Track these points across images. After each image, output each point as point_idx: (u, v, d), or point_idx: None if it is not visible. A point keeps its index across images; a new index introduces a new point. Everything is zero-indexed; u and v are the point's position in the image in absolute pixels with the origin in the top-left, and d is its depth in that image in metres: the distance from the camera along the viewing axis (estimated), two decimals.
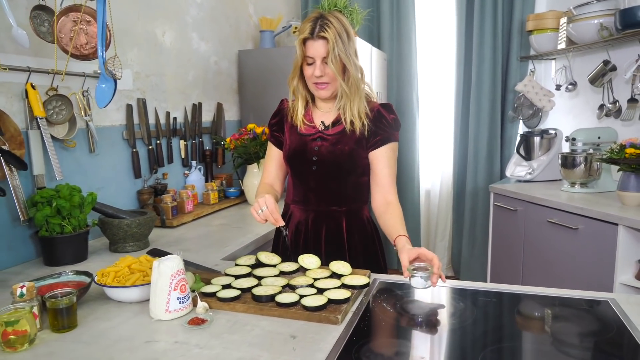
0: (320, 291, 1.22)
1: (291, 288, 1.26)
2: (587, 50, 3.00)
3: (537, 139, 3.14)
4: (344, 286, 1.27)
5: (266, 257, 1.45)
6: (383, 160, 1.53)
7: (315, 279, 1.31)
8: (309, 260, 1.41)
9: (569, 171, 2.73)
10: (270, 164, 1.67)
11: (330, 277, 1.33)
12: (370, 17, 3.37)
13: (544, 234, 2.63)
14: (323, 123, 1.56)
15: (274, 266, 1.41)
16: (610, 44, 2.79)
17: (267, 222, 1.43)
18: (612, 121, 2.87)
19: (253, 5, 3.35)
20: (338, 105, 1.53)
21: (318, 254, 1.46)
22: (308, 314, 1.13)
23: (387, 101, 3.60)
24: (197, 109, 2.69)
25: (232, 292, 1.22)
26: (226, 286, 1.27)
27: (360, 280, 1.30)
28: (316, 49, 1.43)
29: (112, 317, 1.18)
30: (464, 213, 3.68)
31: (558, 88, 3.25)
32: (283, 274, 1.37)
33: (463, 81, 3.59)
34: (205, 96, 2.79)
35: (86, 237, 1.70)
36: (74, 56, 1.76)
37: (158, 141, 2.37)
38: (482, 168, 3.57)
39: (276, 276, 1.34)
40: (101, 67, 1.73)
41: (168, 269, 1.15)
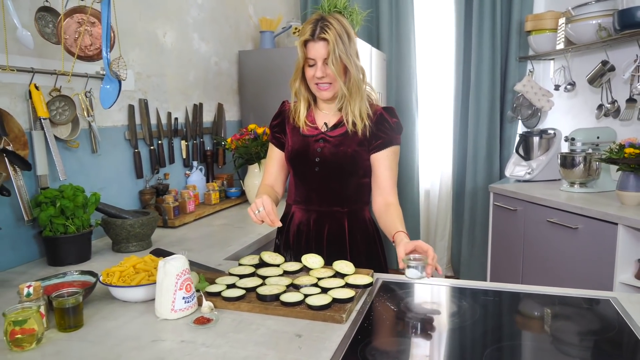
0: (324, 290, 1.23)
1: (295, 287, 1.27)
2: (586, 50, 3.01)
3: (536, 139, 3.15)
4: (348, 285, 1.28)
5: (270, 257, 1.46)
6: (384, 163, 1.54)
7: (319, 279, 1.31)
8: (313, 259, 1.42)
9: (568, 171, 2.74)
10: (271, 165, 1.68)
11: (333, 277, 1.34)
12: (369, 18, 3.38)
13: (544, 234, 2.64)
14: (326, 124, 1.57)
15: (278, 266, 1.42)
16: (608, 45, 2.80)
17: (265, 224, 1.43)
18: (611, 121, 2.89)
19: (253, 5, 3.36)
20: (339, 105, 1.54)
21: (320, 254, 1.46)
22: (313, 313, 1.14)
23: (387, 102, 3.61)
24: (198, 110, 2.70)
25: (237, 292, 1.22)
26: (231, 286, 1.28)
27: (363, 279, 1.31)
28: (317, 51, 1.44)
29: (118, 317, 1.18)
30: (464, 213, 3.69)
31: (557, 88, 3.27)
32: (287, 274, 1.38)
33: (462, 81, 3.60)
34: (205, 96, 2.80)
35: (89, 237, 1.71)
36: (79, 57, 1.76)
37: (159, 141, 2.37)
38: (482, 168, 3.58)
39: (280, 276, 1.35)
40: (106, 68, 1.74)
41: (174, 269, 1.16)
